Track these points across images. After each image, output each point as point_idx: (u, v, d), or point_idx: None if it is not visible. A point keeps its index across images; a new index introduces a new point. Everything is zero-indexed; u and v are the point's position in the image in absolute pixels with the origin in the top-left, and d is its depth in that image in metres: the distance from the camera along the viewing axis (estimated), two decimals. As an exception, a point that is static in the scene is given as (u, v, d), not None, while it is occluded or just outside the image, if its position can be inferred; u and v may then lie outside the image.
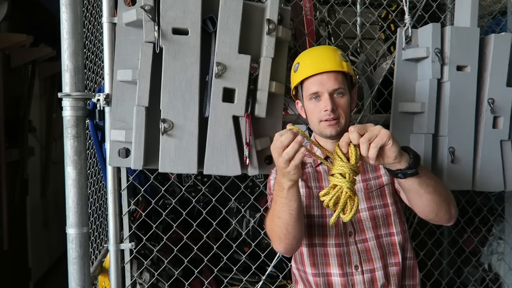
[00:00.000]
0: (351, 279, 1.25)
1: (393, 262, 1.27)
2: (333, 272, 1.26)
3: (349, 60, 1.33)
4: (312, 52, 1.38)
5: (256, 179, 1.90)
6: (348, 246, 1.27)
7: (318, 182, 1.35)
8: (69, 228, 1.49)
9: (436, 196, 1.12)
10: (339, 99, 1.26)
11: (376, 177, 1.31)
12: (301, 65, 1.32)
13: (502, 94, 1.67)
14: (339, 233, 1.27)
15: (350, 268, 1.26)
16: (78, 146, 1.48)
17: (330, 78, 1.25)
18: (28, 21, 3.80)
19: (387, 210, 1.28)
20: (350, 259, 1.26)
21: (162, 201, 1.86)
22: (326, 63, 1.27)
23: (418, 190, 1.10)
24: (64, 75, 1.47)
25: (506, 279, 2.23)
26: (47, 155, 4.50)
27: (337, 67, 1.26)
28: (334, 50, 1.34)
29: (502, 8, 2.23)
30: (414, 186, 1.09)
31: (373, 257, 1.25)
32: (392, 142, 0.99)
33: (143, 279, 1.75)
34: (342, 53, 1.32)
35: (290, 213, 1.12)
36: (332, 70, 1.26)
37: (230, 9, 1.44)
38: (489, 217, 2.13)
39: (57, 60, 3.87)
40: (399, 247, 1.27)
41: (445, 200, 1.16)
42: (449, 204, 1.17)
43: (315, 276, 1.28)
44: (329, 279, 1.26)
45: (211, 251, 1.76)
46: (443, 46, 1.64)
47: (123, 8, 1.48)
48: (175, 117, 1.44)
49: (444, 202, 1.15)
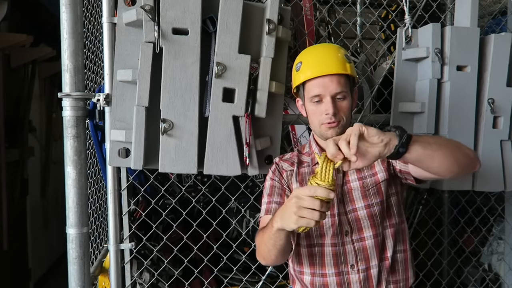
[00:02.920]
0: (347, 278, 1.25)
1: (384, 256, 1.27)
2: (328, 272, 1.26)
3: (352, 60, 1.30)
4: (315, 51, 1.33)
5: (256, 179, 1.90)
6: (344, 246, 1.26)
7: None
8: (69, 228, 1.49)
9: (445, 149, 1.08)
10: (340, 102, 1.24)
11: (371, 175, 1.30)
12: (304, 64, 1.29)
13: (502, 94, 1.68)
14: (335, 233, 1.27)
15: (346, 267, 1.25)
16: (78, 146, 1.48)
17: (333, 81, 1.23)
18: (28, 21, 3.79)
19: (383, 207, 1.27)
20: (346, 258, 1.26)
21: (162, 201, 1.86)
22: (329, 66, 1.24)
23: (426, 154, 1.05)
24: (64, 75, 1.47)
25: (506, 279, 2.23)
26: (47, 155, 4.50)
27: (340, 70, 1.24)
28: (337, 50, 1.30)
29: (502, 8, 2.23)
30: (420, 152, 1.04)
31: (370, 256, 1.25)
32: (366, 127, 0.98)
33: (143, 279, 1.75)
34: (345, 53, 1.29)
35: (276, 247, 1.13)
36: (335, 73, 1.23)
37: (230, 9, 1.44)
38: (489, 217, 2.13)
39: (57, 60, 3.86)
40: (392, 240, 1.27)
41: (456, 147, 1.12)
42: (461, 148, 1.13)
43: (312, 276, 1.28)
44: (324, 280, 1.26)
45: (211, 251, 1.76)
46: (443, 46, 1.64)
47: (123, 8, 1.48)
48: (175, 117, 1.44)
49: (456, 149, 1.11)
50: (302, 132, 1.97)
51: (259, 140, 1.54)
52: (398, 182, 1.33)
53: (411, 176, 1.24)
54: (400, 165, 1.26)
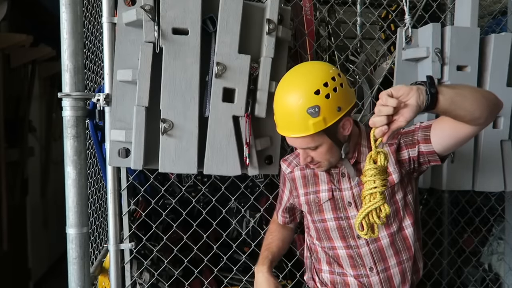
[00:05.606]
0: (367, 281, 1.26)
1: (408, 257, 1.27)
2: (347, 272, 1.27)
3: (318, 113, 1.11)
4: (279, 101, 1.18)
5: (256, 179, 1.90)
6: (359, 249, 1.26)
7: (316, 186, 1.33)
8: (69, 228, 1.48)
9: (471, 87, 1.07)
10: (313, 151, 1.19)
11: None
12: (275, 115, 1.21)
13: (502, 94, 1.66)
14: (344, 236, 1.27)
15: (364, 270, 1.26)
16: (78, 146, 1.48)
17: (297, 140, 1.17)
18: (28, 21, 3.79)
19: (397, 207, 1.27)
20: (363, 261, 1.26)
21: (162, 201, 1.86)
22: (290, 129, 1.16)
23: (456, 92, 1.01)
24: (64, 75, 1.47)
25: (506, 279, 2.23)
26: (47, 155, 4.50)
27: (300, 132, 1.13)
28: (299, 105, 1.11)
29: (502, 8, 2.23)
30: (450, 92, 1.01)
31: (387, 255, 1.26)
32: (389, 89, 0.98)
33: (143, 279, 1.75)
34: (310, 106, 1.10)
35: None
36: (296, 136, 1.16)
37: (230, 9, 1.44)
38: (489, 217, 2.13)
39: (57, 60, 3.86)
40: (411, 240, 1.28)
41: (481, 91, 1.10)
42: (481, 89, 1.11)
43: (331, 274, 1.29)
44: (345, 279, 1.28)
45: (211, 251, 1.76)
46: (443, 46, 1.64)
47: (123, 8, 1.47)
48: (175, 117, 1.44)
49: (478, 88, 1.08)
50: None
51: (259, 140, 1.54)
52: (413, 178, 1.31)
53: (435, 155, 1.20)
54: (423, 147, 1.21)
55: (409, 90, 0.97)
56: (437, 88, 0.98)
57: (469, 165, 1.68)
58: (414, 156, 1.24)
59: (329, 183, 1.30)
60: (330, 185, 1.30)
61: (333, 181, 1.30)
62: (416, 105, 0.96)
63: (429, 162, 1.24)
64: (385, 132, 0.97)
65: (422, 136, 1.20)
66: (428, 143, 1.20)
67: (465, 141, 1.17)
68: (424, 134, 1.20)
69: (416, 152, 1.23)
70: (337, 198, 1.28)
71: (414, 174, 1.30)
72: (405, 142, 1.25)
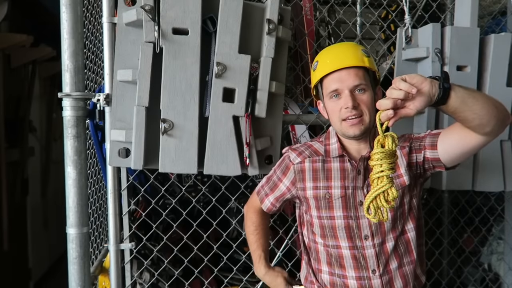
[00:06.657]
0: (369, 283, 1.25)
1: (409, 260, 1.27)
2: (348, 274, 1.26)
3: (371, 56, 1.27)
4: (331, 49, 1.31)
5: (256, 179, 1.90)
6: (364, 250, 1.24)
7: (327, 181, 1.28)
8: (69, 228, 1.49)
9: (482, 92, 1.10)
10: (360, 95, 1.19)
11: (397, 176, 1.25)
12: (320, 63, 1.26)
13: (502, 94, 1.67)
14: (351, 236, 1.25)
15: (367, 273, 1.25)
16: (78, 146, 1.48)
17: (350, 74, 1.19)
18: (28, 21, 3.80)
19: (403, 209, 1.26)
20: (367, 263, 1.24)
21: (162, 201, 1.86)
22: (345, 59, 1.21)
23: (468, 93, 1.02)
24: (64, 75, 1.47)
25: (506, 279, 2.23)
26: (47, 155, 4.50)
27: (357, 63, 1.20)
28: (354, 45, 1.28)
29: (502, 8, 2.23)
30: (462, 91, 1.01)
31: (390, 259, 1.25)
32: (405, 76, 0.98)
33: (143, 279, 1.75)
34: (363, 48, 1.26)
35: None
36: (351, 66, 1.20)
37: (230, 9, 1.44)
38: (489, 217, 2.13)
39: (57, 60, 3.84)
40: (413, 244, 1.27)
41: (492, 99, 1.08)
42: (496, 101, 1.08)
43: (331, 275, 1.28)
44: (345, 281, 1.26)
45: (211, 251, 1.76)
46: (443, 46, 1.65)
47: (123, 8, 1.48)
48: (175, 117, 1.44)
49: (490, 96, 1.09)
50: (302, 132, 1.97)
51: (259, 140, 1.54)
52: (419, 182, 1.31)
53: (440, 161, 1.21)
54: (429, 153, 1.22)
55: (423, 80, 0.98)
56: (450, 84, 0.99)
57: (469, 165, 1.68)
58: (420, 161, 1.25)
59: (342, 180, 1.27)
60: (344, 182, 1.26)
61: (348, 178, 1.26)
62: (428, 95, 0.98)
63: (433, 167, 1.25)
64: (390, 117, 0.97)
65: (429, 142, 1.22)
66: (434, 149, 1.21)
67: (471, 152, 1.17)
68: (432, 140, 1.21)
69: (422, 157, 1.24)
70: (349, 196, 1.26)
71: (420, 180, 1.30)
72: (414, 146, 1.26)
